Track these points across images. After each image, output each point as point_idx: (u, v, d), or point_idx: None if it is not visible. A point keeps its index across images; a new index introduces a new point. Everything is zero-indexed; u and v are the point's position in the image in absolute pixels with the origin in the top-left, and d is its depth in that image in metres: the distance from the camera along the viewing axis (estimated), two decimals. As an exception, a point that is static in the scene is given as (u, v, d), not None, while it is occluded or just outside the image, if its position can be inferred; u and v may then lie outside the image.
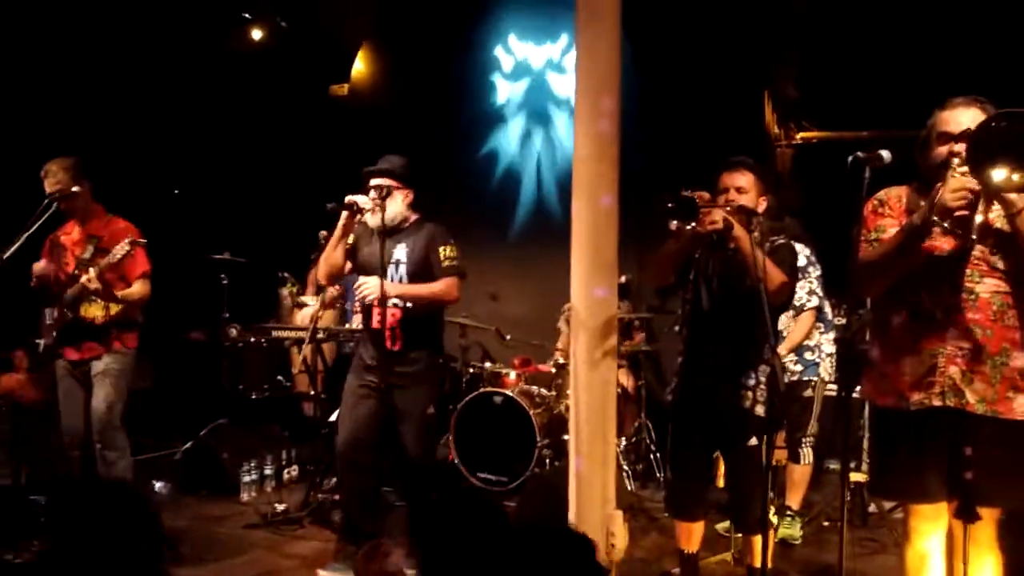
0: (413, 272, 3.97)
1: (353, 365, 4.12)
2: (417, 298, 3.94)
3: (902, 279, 2.63)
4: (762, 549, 2.95)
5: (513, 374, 6.07)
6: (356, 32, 8.33)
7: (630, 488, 5.39)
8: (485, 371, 6.16)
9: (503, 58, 8.03)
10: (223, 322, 6.04)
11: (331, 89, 8.44)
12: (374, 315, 3.94)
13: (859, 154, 2.54)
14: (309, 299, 6.45)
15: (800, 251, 4.38)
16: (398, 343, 3.90)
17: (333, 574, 3.92)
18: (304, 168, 7.83)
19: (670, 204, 3.07)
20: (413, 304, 3.95)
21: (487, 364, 6.31)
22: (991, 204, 2.50)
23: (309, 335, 5.02)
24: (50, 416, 4.90)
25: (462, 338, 6.26)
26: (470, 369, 6.20)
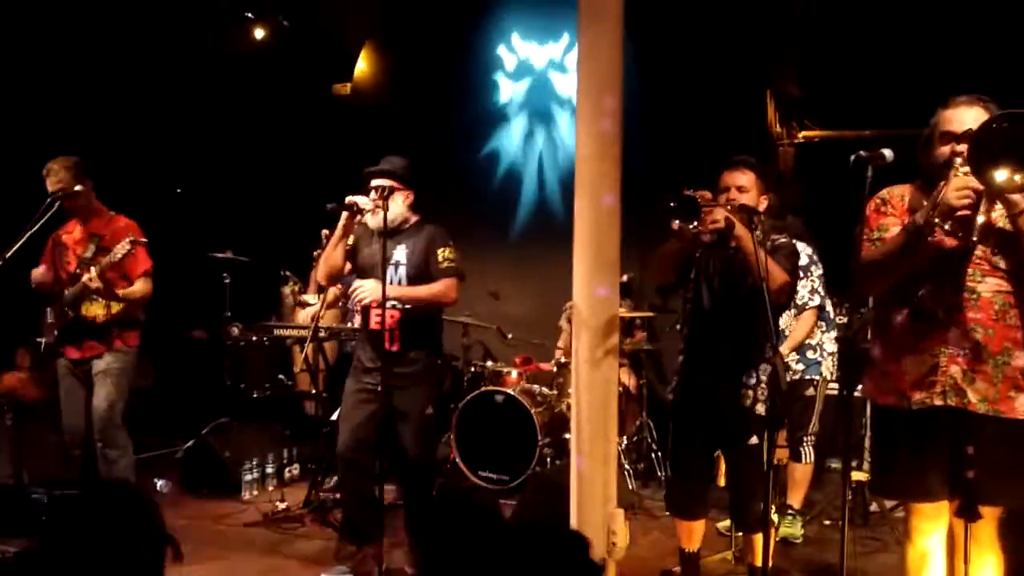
0: (412, 274, 3.95)
1: (352, 367, 4.11)
2: (414, 300, 3.93)
3: (904, 278, 2.63)
4: (763, 548, 2.96)
5: (515, 373, 6.07)
6: (359, 31, 8.33)
7: (631, 487, 5.40)
8: (487, 370, 6.16)
9: (506, 57, 8.03)
10: (225, 321, 6.04)
11: (334, 88, 8.44)
12: (372, 316, 3.94)
13: (861, 153, 2.54)
14: (311, 298, 6.45)
15: (802, 250, 4.39)
16: (396, 344, 3.88)
17: None
18: (306, 167, 7.82)
19: (672, 203, 3.07)
20: (411, 305, 3.95)
21: (488, 363, 6.31)
22: (993, 204, 2.49)
23: (311, 334, 5.02)
24: (51, 414, 4.92)
25: (464, 337, 6.27)
26: (472, 368, 6.20)
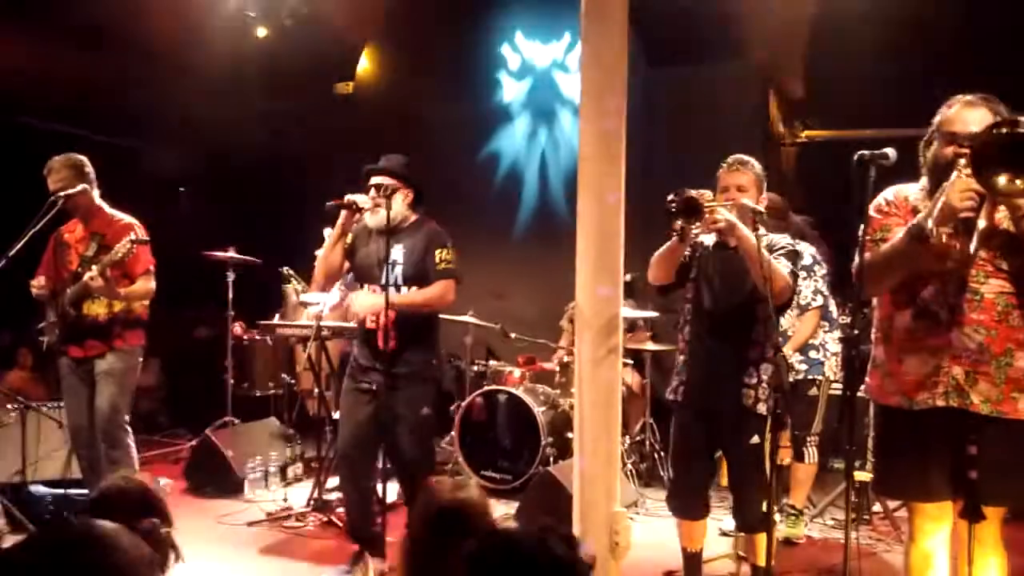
0: (410, 273, 3.92)
1: (349, 367, 4.10)
2: (411, 307, 3.90)
3: (907, 279, 2.63)
4: (765, 548, 2.95)
5: (517, 372, 6.07)
6: (361, 30, 8.33)
7: (634, 486, 5.40)
8: (489, 369, 6.17)
9: (509, 56, 8.02)
10: (228, 319, 6.06)
11: (336, 87, 8.45)
12: (368, 315, 3.93)
13: (864, 153, 2.54)
14: (312, 296, 6.45)
15: (805, 250, 4.39)
16: (393, 343, 3.84)
17: None
18: (310, 166, 7.83)
19: (674, 204, 3.07)
20: (408, 311, 3.92)
21: (491, 362, 6.31)
22: (996, 206, 2.49)
23: (314, 333, 5.02)
24: (56, 414, 4.93)
25: (466, 336, 6.26)
26: (474, 367, 6.20)
